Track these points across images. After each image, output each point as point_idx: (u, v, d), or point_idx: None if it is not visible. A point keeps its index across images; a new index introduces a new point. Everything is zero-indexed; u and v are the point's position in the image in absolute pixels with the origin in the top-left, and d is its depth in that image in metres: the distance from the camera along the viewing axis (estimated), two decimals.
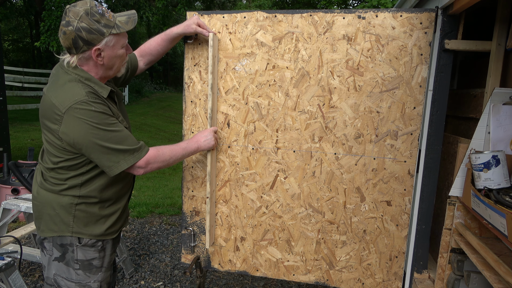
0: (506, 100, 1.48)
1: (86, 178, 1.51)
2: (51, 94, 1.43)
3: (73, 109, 1.36)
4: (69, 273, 1.56)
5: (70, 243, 1.55)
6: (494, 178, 1.37)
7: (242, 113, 2.01)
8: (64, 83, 1.42)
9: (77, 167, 1.49)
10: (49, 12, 8.31)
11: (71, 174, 1.49)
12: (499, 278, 1.22)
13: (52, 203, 1.52)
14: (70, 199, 1.52)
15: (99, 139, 1.40)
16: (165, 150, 1.61)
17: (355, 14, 1.82)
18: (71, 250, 1.55)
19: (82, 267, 1.57)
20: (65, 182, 1.50)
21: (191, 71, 2.05)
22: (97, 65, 1.46)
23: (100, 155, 1.43)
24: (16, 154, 6.24)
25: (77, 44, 1.38)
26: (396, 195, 1.90)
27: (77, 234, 1.54)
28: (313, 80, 1.90)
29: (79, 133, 1.38)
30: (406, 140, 1.85)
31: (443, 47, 1.69)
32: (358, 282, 2.01)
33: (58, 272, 1.57)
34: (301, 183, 2.00)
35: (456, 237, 1.59)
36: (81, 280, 1.58)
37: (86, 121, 1.37)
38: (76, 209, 1.52)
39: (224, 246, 2.16)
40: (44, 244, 1.57)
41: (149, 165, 1.53)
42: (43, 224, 1.55)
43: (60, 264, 1.56)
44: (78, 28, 1.35)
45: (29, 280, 2.89)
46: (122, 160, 1.46)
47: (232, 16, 1.95)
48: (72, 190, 1.51)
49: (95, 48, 1.40)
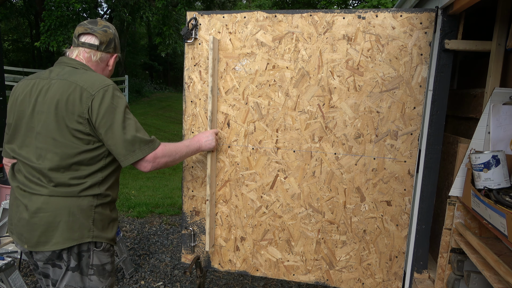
0: (506, 100, 1.48)
1: (105, 174, 1.51)
2: (72, 78, 1.43)
3: (105, 89, 1.43)
4: (82, 281, 1.51)
5: (87, 249, 1.50)
6: (494, 178, 1.37)
7: (242, 113, 2.01)
8: (85, 72, 1.49)
9: (97, 159, 1.47)
10: (49, 12, 8.32)
11: (92, 169, 1.47)
12: (499, 278, 1.22)
13: (71, 208, 1.44)
14: (90, 201, 1.48)
15: (123, 120, 1.43)
16: (170, 146, 1.59)
17: (355, 14, 1.82)
18: (87, 256, 1.50)
19: (97, 272, 1.53)
20: (86, 180, 1.46)
21: (191, 71, 2.05)
22: (105, 68, 1.64)
23: (118, 140, 1.42)
24: None
25: (110, 44, 1.59)
26: (396, 195, 1.90)
27: (96, 238, 1.50)
28: (313, 80, 1.90)
29: (108, 109, 1.41)
30: (406, 140, 1.85)
31: (443, 47, 1.69)
32: (358, 282, 2.01)
33: (70, 283, 1.50)
34: (301, 183, 2.00)
35: (456, 237, 1.59)
36: (94, 286, 1.54)
37: (115, 100, 1.44)
38: (95, 211, 1.49)
39: (224, 246, 2.16)
40: (63, 256, 1.47)
41: (156, 160, 1.50)
42: (58, 235, 1.44)
43: (75, 274, 1.50)
44: (115, 35, 1.63)
45: (29, 280, 2.89)
46: (138, 150, 1.45)
47: (232, 16, 1.95)
48: (92, 189, 1.48)
49: (116, 54, 1.65)
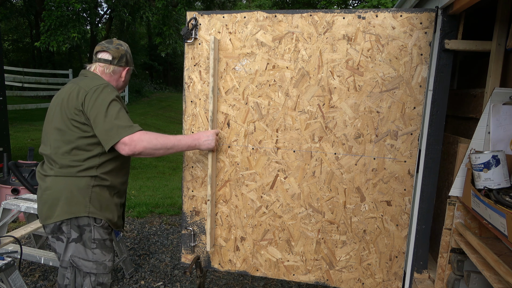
0: (506, 100, 1.48)
1: (102, 160, 1.72)
2: (78, 82, 1.72)
3: (98, 87, 1.68)
4: (86, 253, 1.71)
5: (87, 224, 1.71)
6: (494, 178, 1.37)
7: (242, 113, 2.01)
8: (91, 78, 1.77)
9: (94, 145, 1.69)
10: (49, 12, 8.32)
11: (89, 154, 1.69)
12: (499, 278, 1.22)
13: (71, 187, 1.69)
14: (87, 181, 1.70)
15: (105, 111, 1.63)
16: (153, 133, 1.70)
17: (355, 14, 1.82)
18: (89, 230, 1.71)
19: (99, 246, 1.74)
20: (84, 163, 1.69)
21: (191, 71, 2.05)
22: (119, 80, 1.88)
23: (101, 128, 1.63)
24: (16, 154, 6.24)
25: (122, 58, 1.85)
26: (396, 195, 1.90)
27: (93, 214, 1.71)
28: (313, 80, 1.90)
29: (95, 102, 1.63)
30: (406, 140, 1.85)
31: (443, 47, 1.69)
32: (358, 282, 2.01)
33: (75, 253, 1.71)
34: (301, 183, 2.00)
35: (456, 237, 1.59)
36: (98, 259, 1.74)
37: (103, 95, 1.66)
38: (92, 191, 1.71)
39: (224, 246, 2.16)
40: (63, 228, 1.70)
41: (133, 143, 1.62)
42: (59, 209, 1.68)
43: (78, 245, 1.70)
44: (127, 51, 1.90)
45: (29, 280, 2.89)
46: (115, 134, 1.62)
47: (232, 16, 1.95)
48: (89, 171, 1.70)
49: (128, 68, 1.90)
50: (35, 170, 3.48)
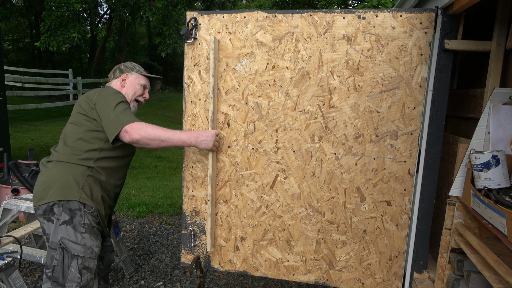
0: (506, 100, 1.48)
1: (101, 155, 1.87)
2: (95, 90, 1.97)
3: (108, 91, 1.91)
4: (76, 236, 1.79)
5: (78, 208, 1.81)
6: (494, 178, 1.37)
7: (242, 113, 2.01)
8: (106, 87, 2.04)
9: (97, 140, 1.85)
10: (49, 12, 8.32)
11: (91, 147, 1.85)
12: (499, 278, 1.22)
13: (67, 172, 1.82)
14: (84, 170, 1.84)
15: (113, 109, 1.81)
16: (150, 125, 1.81)
17: (355, 14, 1.82)
18: (79, 215, 1.81)
19: (88, 231, 1.83)
20: (84, 154, 1.85)
21: (191, 71, 2.05)
22: (122, 86, 2.07)
23: (107, 121, 1.80)
24: (16, 154, 6.24)
25: (116, 71, 2.12)
26: (396, 195, 1.90)
27: (84, 200, 1.81)
28: (313, 80, 1.90)
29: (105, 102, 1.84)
30: (406, 140, 1.85)
31: (443, 47, 1.69)
32: (358, 282, 2.01)
33: (64, 235, 1.78)
34: (301, 183, 2.00)
35: (456, 237, 1.59)
36: (86, 243, 1.81)
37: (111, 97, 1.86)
38: (86, 180, 1.84)
39: (224, 246, 2.16)
40: (54, 209, 1.79)
41: (132, 130, 1.75)
42: (53, 191, 1.79)
43: (68, 227, 1.79)
44: (119, 65, 2.15)
45: (29, 280, 2.89)
46: (117, 124, 1.77)
47: (232, 16, 1.95)
48: (87, 161, 1.84)
49: (122, 75, 2.09)
50: (35, 170, 3.48)
